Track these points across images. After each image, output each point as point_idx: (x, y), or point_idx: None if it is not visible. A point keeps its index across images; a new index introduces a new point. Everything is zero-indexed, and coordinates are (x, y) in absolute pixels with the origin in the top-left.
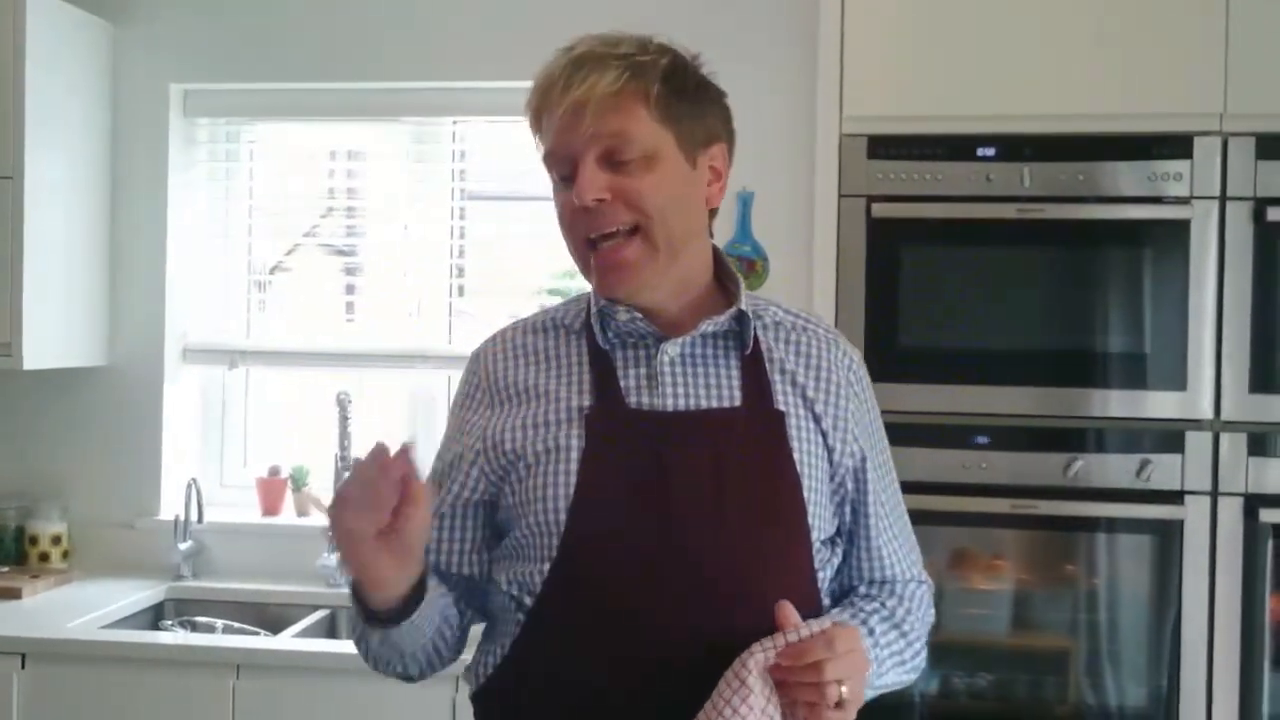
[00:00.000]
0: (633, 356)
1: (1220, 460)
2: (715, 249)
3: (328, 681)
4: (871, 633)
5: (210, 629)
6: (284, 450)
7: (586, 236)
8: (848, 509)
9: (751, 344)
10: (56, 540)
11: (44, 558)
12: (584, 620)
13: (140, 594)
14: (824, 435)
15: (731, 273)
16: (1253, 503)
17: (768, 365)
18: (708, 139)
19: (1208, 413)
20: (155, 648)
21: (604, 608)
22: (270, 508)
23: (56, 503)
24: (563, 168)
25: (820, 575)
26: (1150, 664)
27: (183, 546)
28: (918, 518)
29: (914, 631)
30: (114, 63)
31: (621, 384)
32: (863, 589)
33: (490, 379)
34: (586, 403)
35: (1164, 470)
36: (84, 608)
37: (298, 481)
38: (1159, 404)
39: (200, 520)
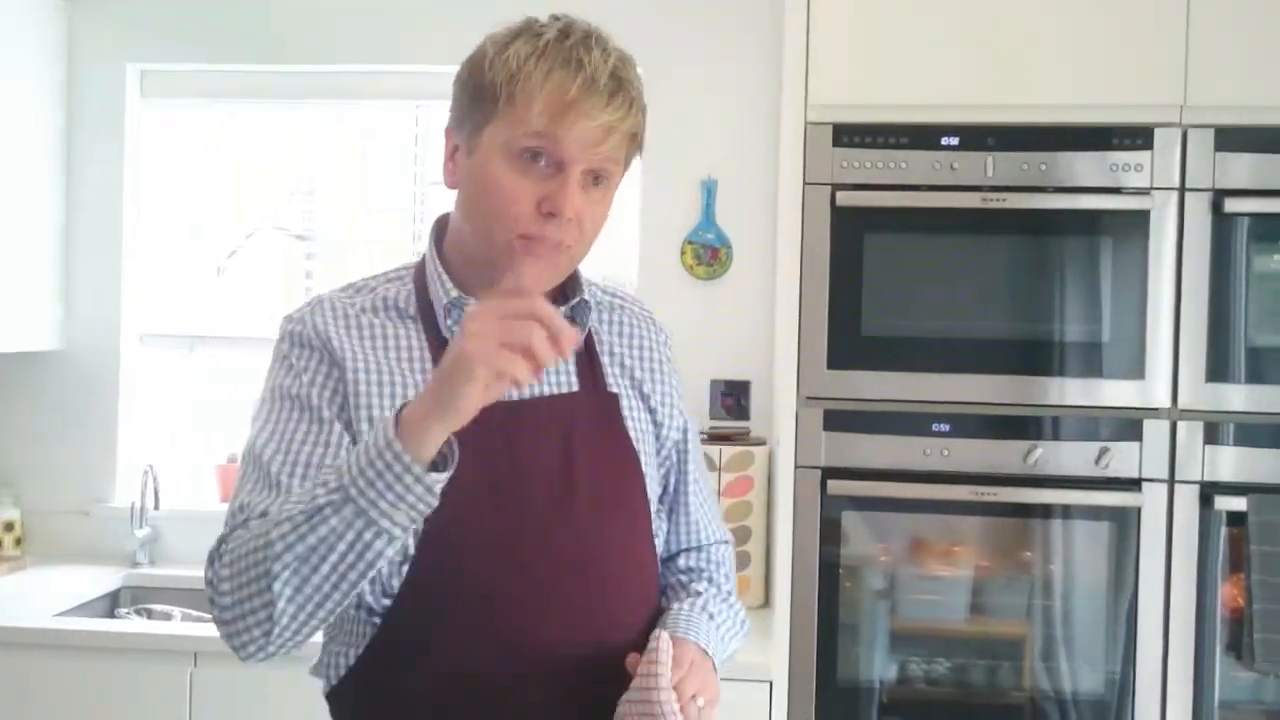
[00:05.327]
0: None
1: (1177, 448)
2: None
3: (285, 670)
4: (712, 617)
5: (167, 617)
6: (242, 436)
7: (524, 230)
8: (671, 480)
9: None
10: (9, 527)
11: None
12: (443, 614)
13: (96, 582)
14: (652, 413)
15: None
16: (1208, 490)
17: (597, 348)
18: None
19: (1165, 401)
20: (111, 636)
21: (464, 600)
22: (228, 495)
23: (9, 489)
24: (539, 146)
25: (656, 543)
26: (1106, 649)
27: (139, 533)
28: (879, 504)
29: (734, 595)
30: (70, 42)
31: None
32: (682, 560)
33: (326, 346)
34: None
35: (1122, 458)
36: (38, 595)
37: None
38: (1117, 392)
39: (157, 507)
